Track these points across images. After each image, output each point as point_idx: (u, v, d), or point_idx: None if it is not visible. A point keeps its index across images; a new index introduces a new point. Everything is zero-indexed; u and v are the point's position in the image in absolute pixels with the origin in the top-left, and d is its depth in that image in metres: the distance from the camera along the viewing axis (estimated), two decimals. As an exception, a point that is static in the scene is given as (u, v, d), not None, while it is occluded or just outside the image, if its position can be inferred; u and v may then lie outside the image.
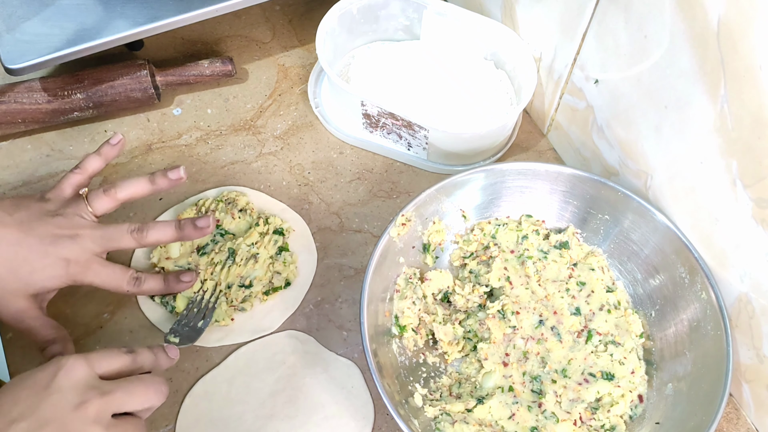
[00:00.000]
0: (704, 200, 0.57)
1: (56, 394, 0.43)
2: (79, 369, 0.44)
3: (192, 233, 0.60)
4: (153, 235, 0.59)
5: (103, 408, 0.44)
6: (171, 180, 0.61)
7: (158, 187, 0.61)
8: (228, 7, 0.69)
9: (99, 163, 0.61)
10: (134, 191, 0.60)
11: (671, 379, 0.58)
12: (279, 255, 0.65)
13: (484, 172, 0.64)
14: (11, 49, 0.65)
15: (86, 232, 0.57)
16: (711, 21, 0.48)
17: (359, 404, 0.59)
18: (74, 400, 0.43)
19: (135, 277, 0.59)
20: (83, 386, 0.44)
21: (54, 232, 0.55)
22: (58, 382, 0.43)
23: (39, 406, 0.42)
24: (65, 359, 0.45)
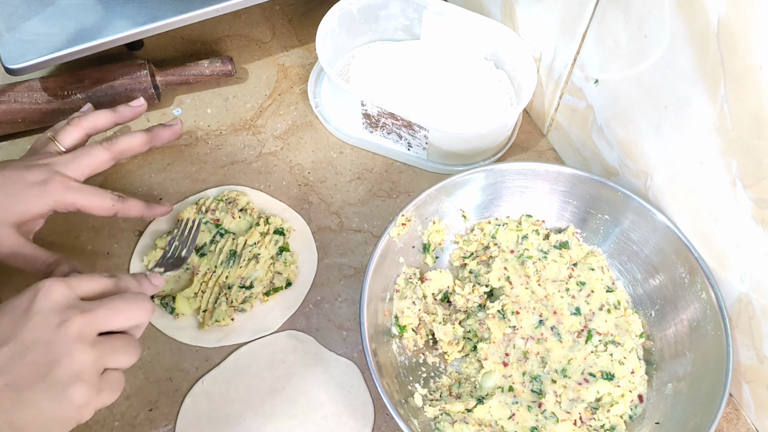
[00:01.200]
0: (704, 200, 0.57)
1: (36, 316, 0.42)
2: (57, 290, 0.43)
3: (162, 133, 0.63)
4: (123, 141, 0.60)
5: (85, 325, 0.43)
6: (133, 108, 0.63)
7: (120, 115, 0.62)
8: (228, 7, 0.69)
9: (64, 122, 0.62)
10: (98, 120, 0.61)
11: (671, 379, 0.58)
12: (280, 255, 0.65)
13: (484, 172, 0.64)
14: (11, 49, 0.65)
15: (57, 158, 0.57)
16: (711, 21, 0.48)
17: (359, 404, 0.59)
18: (55, 320, 0.42)
19: (119, 195, 0.59)
20: (63, 306, 0.43)
21: (26, 163, 0.56)
22: (38, 305, 0.43)
23: (20, 329, 0.42)
24: (42, 283, 0.44)
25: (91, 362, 0.43)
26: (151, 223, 0.67)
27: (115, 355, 0.44)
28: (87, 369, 0.42)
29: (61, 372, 0.41)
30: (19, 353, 0.41)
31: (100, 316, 0.44)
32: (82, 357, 0.42)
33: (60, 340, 0.42)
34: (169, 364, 0.60)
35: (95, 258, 0.65)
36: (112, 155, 0.59)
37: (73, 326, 0.42)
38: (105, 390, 0.43)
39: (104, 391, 0.43)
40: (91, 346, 0.43)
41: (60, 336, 0.42)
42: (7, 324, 0.42)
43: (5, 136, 0.73)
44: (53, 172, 0.56)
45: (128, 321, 0.46)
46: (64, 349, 0.42)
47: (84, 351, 0.42)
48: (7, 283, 0.63)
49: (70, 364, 0.42)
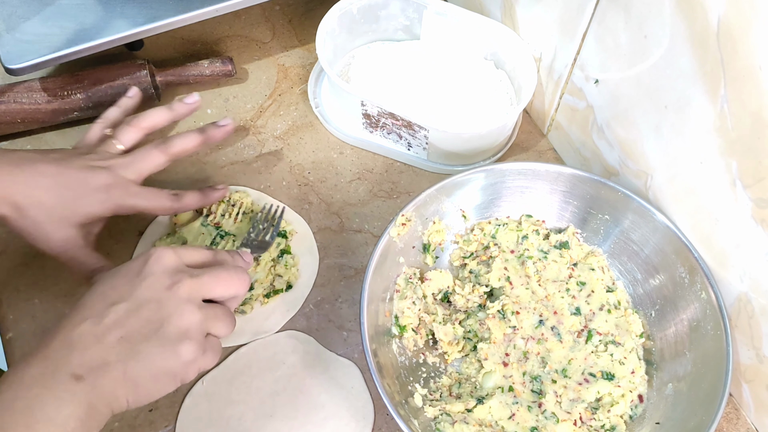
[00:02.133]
0: (704, 200, 0.57)
1: (150, 277, 0.46)
2: (167, 256, 0.47)
3: (215, 133, 0.64)
4: (178, 143, 0.62)
5: (194, 288, 0.47)
6: (188, 105, 0.65)
7: (177, 112, 0.64)
8: (228, 7, 0.69)
9: (118, 113, 0.65)
10: (155, 119, 0.63)
11: (671, 379, 0.58)
12: (281, 258, 0.65)
13: (484, 172, 0.64)
14: (11, 49, 0.65)
15: (117, 161, 0.59)
16: (711, 21, 0.48)
17: (359, 404, 0.59)
18: (166, 282, 0.46)
19: (175, 193, 0.62)
20: (173, 270, 0.47)
21: (89, 163, 0.58)
22: (150, 268, 0.47)
23: (135, 289, 0.46)
24: (153, 249, 0.48)
25: (198, 322, 0.46)
26: (151, 224, 0.67)
27: (217, 321, 0.48)
28: (194, 328, 0.46)
29: (171, 328, 0.45)
30: (134, 309, 0.45)
31: (206, 282, 0.47)
32: (191, 316, 0.46)
33: (171, 299, 0.46)
34: (169, 365, 0.60)
35: (95, 258, 0.65)
36: (168, 157, 0.62)
37: (183, 288, 0.46)
38: (208, 351, 0.47)
39: (207, 353, 0.47)
40: (198, 307, 0.46)
41: (171, 296, 0.46)
42: (123, 284, 0.46)
43: (5, 136, 0.73)
44: (116, 176, 0.58)
45: (228, 290, 0.49)
46: (175, 307, 0.45)
47: (192, 311, 0.46)
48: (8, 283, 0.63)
49: (179, 322, 0.45)
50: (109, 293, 0.46)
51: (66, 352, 0.42)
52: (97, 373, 0.42)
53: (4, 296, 0.63)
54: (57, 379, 0.41)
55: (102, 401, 0.42)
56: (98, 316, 0.44)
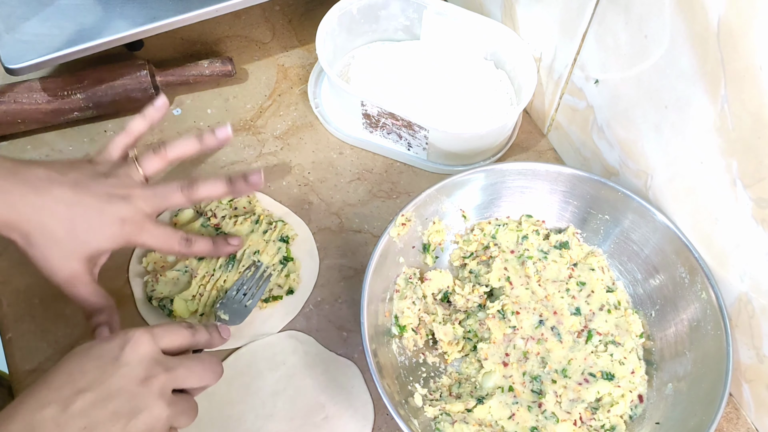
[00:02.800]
0: (704, 200, 0.57)
1: (124, 367, 0.44)
2: (145, 343, 0.45)
3: (243, 188, 0.61)
4: (203, 190, 0.59)
5: (167, 383, 0.45)
6: (218, 139, 0.61)
7: (206, 145, 0.61)
8: (228, 7, 0.69)
9: (144, 124, 0.61)
10: (183, 150, 0.61)
11: (671, 379, 0.58)
12: (283, 266, 0.65)
13: (484, 172, 0.64)
14: (11, 49, 0.65)
15: (138, 192, 0.57)
16: (711, 21, 0.48)
17: (359, 404, 0.59)
18: (141, 374, 0.44)
19: (186, 238, 0.60)
20: (149, 361, 0.45)
21: (108, 191, 0.55)
22: (126, 356, 0.44)
23: (107, 377, 0.44)
24: (132, 333, 0.46)
25: (165, 419, 0.45)
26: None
27: (183, 416, 0.47)
28: (160, 425, 0.45)
29: (138, 424, 0.43)
30: (103, 400, 0.43)
31: (180, 375, 0.46)
32: (159, 413, 0.44)
33: (143, 394, 0.44)
34: (169, 365, 0.60)
35: (95, 258, 0.65)
36: (189, 202, 0.60)
37: (157, 383, 0.45)
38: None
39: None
40: (167, 404, 0.45)
41: (144, 391, 0.44)
42: (94, 369, 0.44)
43: (5, 136, 0.73)
44: (133, 208, 0.56)
45: (200, 382, 0.48)
46: (146, 403, 0.44)
47: (162, 408, 0.44)
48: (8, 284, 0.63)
49: (147, 419, 0.44)
50: (78, 378, 0.43)
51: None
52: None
53: (4, 296, 0.63)
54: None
55: None
56: (63, 402, 0.42)
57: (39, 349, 0.60)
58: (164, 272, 0.63)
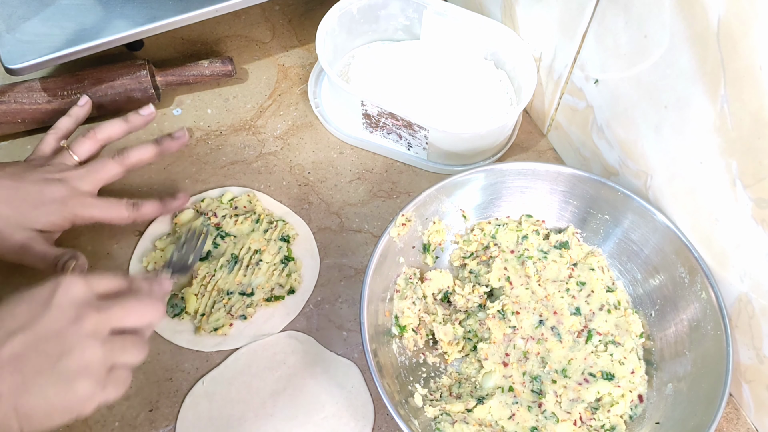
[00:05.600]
0: (704, 200, 0.57)
1: (55, 309, 0.44)
2: (77, 287, 0.45)
3: (170, 145, 0.65)
4: (134, 155, 0.63)
5: (100, 323, 0.44)
6: (143, 117, 0.66)
7: (133, 124, 0.65)
8: (228, 7, 0.69)
9: (70, 122, 0.67)
10: (111, 130, 0.64)
11: (671, 379, 0.58)
12: (284, 265, 0.65)
13: (484, 172, 0.64)
14: (11, 49, 0.65)
15: (73, 173, 0.60)
16: (711, 21, 0.48)
17: (359, 404, 0.59)
18: (71, 315, 0.44)
19: (132, 203, 0.62)
20: (80, 302, 0.45)
21: (44, 176, 0.59)
22: (57, 299, 0.44)
23: (37, 320, 0.43)
24: (63, 278, 0.45)
25: (99, 358, 0.44)
26: (151, 225, 0.67)
27: (124, 353, 0.46)
28: (95, 364, 0.44)
29: (69, 364, 0.43)
30: (33, 342, 0.43)
31: (114, 314, 0.45)
32: (92, 352, 0.44)
33: (73, 334, 0.43)
34: (169, 365, 0.60)
35: (95, 259, 0.65)
36: (124, 168, 0.63)
37: (88, 322, 0.44)
38: (110, 386, 0.45)
39: (109, 387, 0.45)
40: (101, 343, 0.44)
41: (74, 330, 0.43)
42: (24, 313, 0.44)
43: (5, 136, 0.73)
44: (71, 188, 0.59)
45: (140, 320, 0.47)
46: (76, 343, 0.43)
47: (94, 347, 0.44)
48: (7, 283, 0.63)
49: (79, 358, 0.43)
50: (8, 321, 0.43)
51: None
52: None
53: (4, 296, 0.62)
54: None
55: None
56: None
57: (39, 348, 0.60)
58: None
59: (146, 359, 0.59)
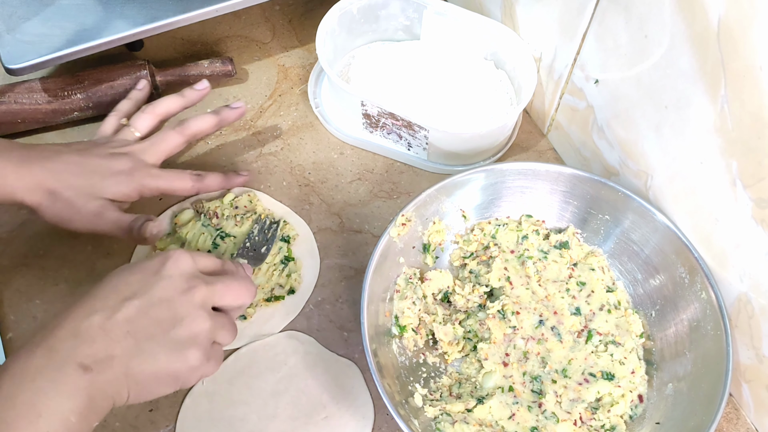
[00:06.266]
0: (704, 200, 0.57)
1: (166, 279, 0.46)
2: (185, 260, 0.48)
3: (229, 114, 0.66)
4: (194, 124, 0.64)
5: (207, 296, 0.47)
6: (199, 91, 0.67)
7: (189, 99, 0.67)
8: (228, 7, 0.69)
9: (130, 104, 0.68)
10: (169, 106, 0.66)
11: (671, 379, 0.58)
12: (284, 266, 0.65)
13: (484, 172, 0.64)
14: (11, 49, 0.65)
15: (136, 147, 0.62)
16: (711, 21, 0.49)
17: (359, 404, 0.59)
18: (182, 286, 0.46)
19: (197, 173, 0.64)
20: (189, 274, 0.47)
21: (109, 151, 0.61)
22: (168, 270, 0.47)
23: (150, 287, 0.46)
24: (172, 251, 0.48)
25: (207, 330, 0.47)
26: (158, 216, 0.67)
27: (223, 330, 0.49)
28: (203, 335, 0.46)
29: (181, 332, 0.45)
30: (146, 308, 0.45)
31: (219, 290, 0.48)
32: (202, 323, 0.46)
33: (185, 303, 0.46)
34: (169, 365, 0.60)
35: (95, 258, 0.65)
36: (185, 138, 0.64)
37: (198, 294, 0.47)
38: (212, 359, 0.47)
39: (211, 360, 0.47)
40: (209, 315, 0.47)
41: (186, 300, 0.46)
42: (138, 281, 0.46)
43: (5, 136, 0.73)
44: (136, 160, 0.61)
45: (237, 300, 0.50)
46: (187, 312, 0.46)
47: (204, 318, 0.46)
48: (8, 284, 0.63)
49: (190, 327, 0.46)
50: (123, 288, 0.46)
51: (73, 344, 0.42)
52: (102, 366, 0.42)
53: (4, 296, 0.63)
54: (63, 372, 0.41)
55: (103, 395, 0.42)
56: (109, 310, 0.44)
57: (39, 349, 0.60)
58: None
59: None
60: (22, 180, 0.56)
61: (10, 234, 0.66)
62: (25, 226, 0.67)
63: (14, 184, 0.56)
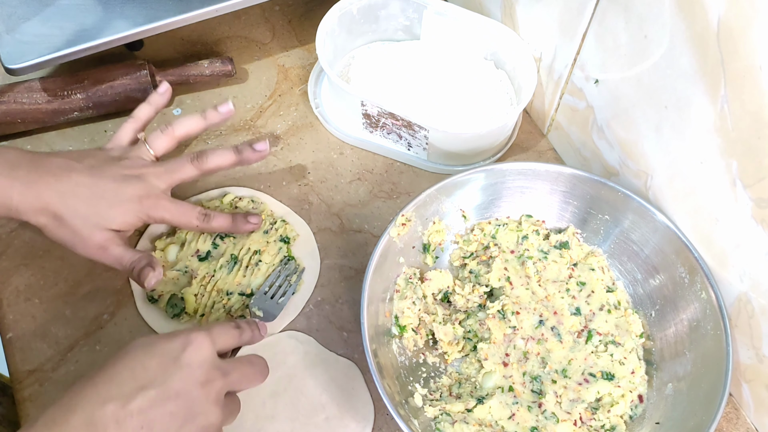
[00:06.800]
0: (704, 200, 0.57)
1: (186, 368, 0.45)
2: (205, 347, 0.47)
3: (251, 156, 0.63)
4: (212, 161, 0.62)
5: (223, 388, 0.47)
6: (221, 114, 0.64)
7: (210, 120, 0.64)
8: (228, 7, 0.69)
9: (150, 110, 0.65)
10: (189, 127, 0.63)
11: (671, 379, 0.58)
12: (285, 265, 0.65)
13: (484, 172, 0.64)
14: (11, 49, 0.65)
15: (150, 170, 0.60)
16: (711, 21, 0.48)
17: (359, 404, 0.59)
18: (201, 377, 0.46)
19: (204, 213, 0.61)
20: (209, 364, 0.46)
21: (122, 173, 0.59)
22: (188, 357, 0.46)
23: (168, 377, 0.45)
24: (194, 334, 0.47)
25: (218, 423, 0.47)
26: (150, 225, 0.67)
27: (231, 416, 0.49)
28: (213, 429, 0.46)
29: (193, 428, 0.45)
30: (162, 399, 0.44)
31: (234, 381, 0.48)
32: (213, 418, 0.46)
33: (201, 398, 0.45)
34: (169, 365, 0.60)
35: (95, 258, 0.65)
36: (201, 172, 0.62)
37: (215, 388, 0.46)
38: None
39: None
40: (221, 408, 0.47)
41: (202, 394, 0.45)
42: (157, 367, 0.45)
43: (5, 136, 0.73)
44: (147, 186, 0.59)
45: (250, 384, 0.50)
46: (203, 407, 0.45)
47: (216, 414, 0.46)
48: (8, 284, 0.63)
49: (203, 422, 0.45)
50: (140, 374, 0.45)
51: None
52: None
53: (4, 296, 0.63)
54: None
55: None
56: (124, 398, 0.43)
57: (39, 349, 0.60)
58: (164, 272, 0.63)
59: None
60: (28, 201, 0.55)
61: (10, 234, 0.66)
62: (25, 226, 0.66)
63: (19, 206, 0.55)
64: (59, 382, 0.59)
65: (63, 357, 0.60)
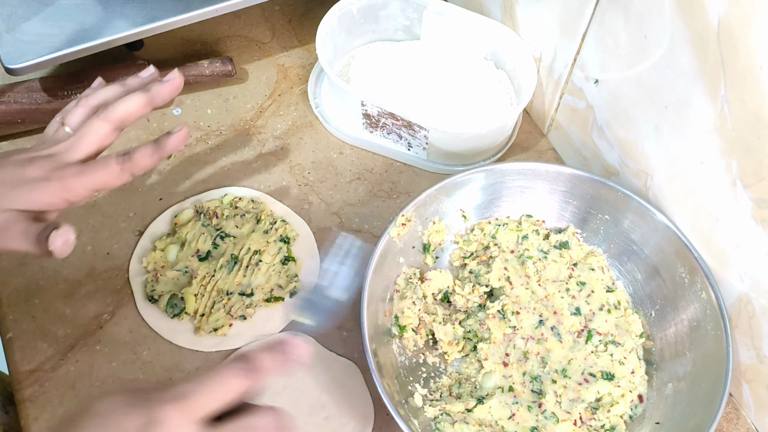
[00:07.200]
0: (704, 200, 0.57)
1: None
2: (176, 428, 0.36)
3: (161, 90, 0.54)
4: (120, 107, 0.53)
5: None
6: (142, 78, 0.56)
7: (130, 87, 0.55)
8: (228, 7, 0.69)
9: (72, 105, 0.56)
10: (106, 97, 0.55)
11: (671, 379, 0.58)
12: (285, 266, 0.65)
13: (484, 172, 0.64)
14: (11, 49, 0.65)
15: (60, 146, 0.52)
16: (711, 21, 0.48)
17: (359, 404, 0.59)
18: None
19: (122, 153, 0.52)
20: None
21: (30, 156, 0.52)
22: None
23: None
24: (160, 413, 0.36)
25: None
26: (151, 224, 0.67)
27: None
28: None
29: None
30: None
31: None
32: None
33: None
34: (169, 365, 0.60)
35: (95, 258, 0.65)
36: (112, 125, 0.52)
37: None
38: None
39: None
40: None
41: None
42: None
43: (5, 136, 0.73)
44: (56, 162, 0.51)
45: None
46: None
47: None
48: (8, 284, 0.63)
49: None
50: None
51: None
52: None
53: (4, 296, 0.63)
54: None
55: None
56: None
57: (39, 349, 0.60)
58: (164, 272, 0.63)
59: (146, 359, 0.60)
60: None
61: (9, 234, 0.66)
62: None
63: None
64: (59, 382, 0.59)
65: (63, 357, 0.60)
